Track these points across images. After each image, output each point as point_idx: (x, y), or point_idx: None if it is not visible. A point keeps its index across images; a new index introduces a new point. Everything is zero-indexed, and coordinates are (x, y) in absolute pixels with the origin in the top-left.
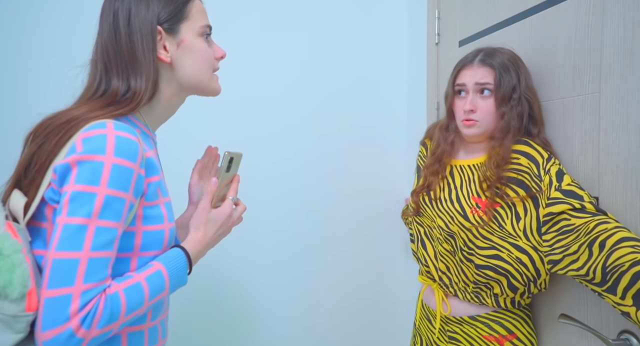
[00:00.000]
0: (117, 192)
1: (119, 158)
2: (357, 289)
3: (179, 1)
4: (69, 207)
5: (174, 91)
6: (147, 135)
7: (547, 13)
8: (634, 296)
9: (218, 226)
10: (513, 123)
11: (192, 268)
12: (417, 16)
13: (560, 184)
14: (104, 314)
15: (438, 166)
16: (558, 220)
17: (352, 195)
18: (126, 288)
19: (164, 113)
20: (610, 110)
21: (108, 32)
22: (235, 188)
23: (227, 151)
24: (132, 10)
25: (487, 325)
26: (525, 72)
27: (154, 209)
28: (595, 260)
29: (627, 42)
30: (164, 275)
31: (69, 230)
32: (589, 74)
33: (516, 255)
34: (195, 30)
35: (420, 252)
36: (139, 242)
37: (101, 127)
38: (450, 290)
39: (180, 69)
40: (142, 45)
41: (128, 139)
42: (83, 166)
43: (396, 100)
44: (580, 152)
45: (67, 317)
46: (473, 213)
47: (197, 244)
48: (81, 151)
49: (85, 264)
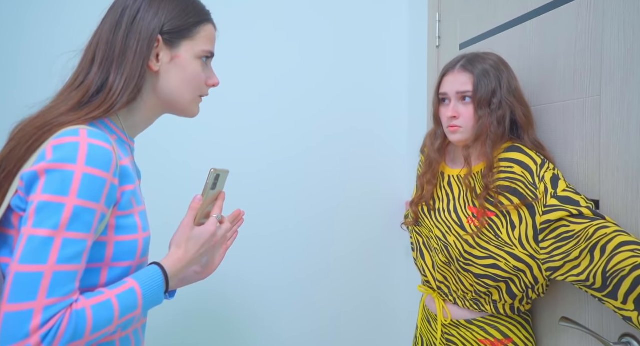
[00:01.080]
0: (87, 203)
1: (90, 167)
2: (356, 293)
3: (189, 21)
4: (35, 218)
5: (154, 102)
6: (124, 141)
7: (547, 16)
8: (635, 301)
9: (200, 244)
10: (492, 128)
11: (170, 286)
12: (418, 19)
13: (555, 191)
14: (67, 331)
15: (430, 174)
16: (556, 227)
17: (352, 198)
18: (94, 305)
19: (142, 122)
20: (611, 113)
21: (109, 25)
22: (220, 206)
23: (213, 168)
24: (140, 12)
25: (483, 329)
26: (509, 76)
27: (127, 219)
28: (595, 265)
29: (627, 45)
30: (137, 293)
31: (33, 242)
32: (589, 77)
33: (513, 264)
34: (194, 51)
35: (419, 261)
36: (110, 252)
37: (74, 134)
38: (449, 298)
39: (164, 82)
40: (136, 47)
41: (101, 148)
42: (52, 175)
43: (397, 102)
44: (581, 155)
45: (26, 334)
46: (470, 223)
47: (177, 262)
48: (51, 159)
49: (49, 278)
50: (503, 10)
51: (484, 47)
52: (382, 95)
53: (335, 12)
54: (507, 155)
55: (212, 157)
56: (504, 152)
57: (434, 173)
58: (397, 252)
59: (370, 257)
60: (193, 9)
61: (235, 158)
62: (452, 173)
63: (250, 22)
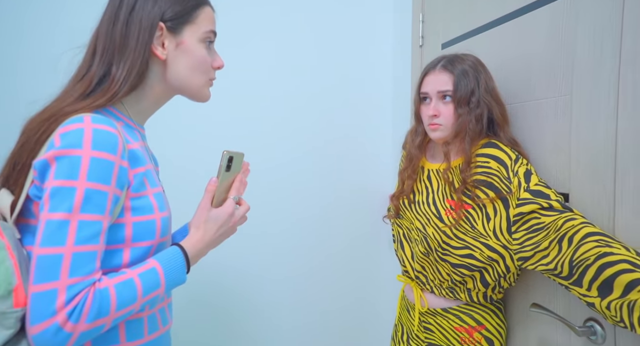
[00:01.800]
0: (98, 185)
1: (97, 151)
2: (344, 284)
3: (188, 5)
4: (50, 203)
5: (164, 88)
6: (132, 127)
7: (523, 19)
8: (598, 288)
9: (219, 225)
10: (470, 125)
11: (191, 267)
12: (403, 19)
13: (528, 185)
14: (92, 308)
15: (411, 170)
16: (528, 219)
17: (340, 192)
18: (117, 284)
19: (150, 107)
20: (581, 112)
21: (108, 17)
22: (237, 187)
23: (225, 150)
24: (138, 2)
25: (458, 317)
26: (486, 77)
27: (142, 200)
28: (563, 254)
29: (597, 48)
30: (159, 272)
31: (51, 226)
32: (562, 77)
33: (487, 254)
34: (198, 35)
35: (399, 252)
36: (130, 233)
37: (78, 121)
38: (426, 287)
39: (173, 69)
40: (137, 36)
41: (106, 131)
42: (61, 161)
43: (382, 100)
44: (553, 151)
45: (53, 312)
46: (447, 215)
47: (196, 243)
48: (59, 146)
49: (69, 259)
50: (482, 12)
51: (464, 47)
52: (367, 93)
53: (322, 12)
54: (484, 151)
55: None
56: (481, 148)
57: (414, 168)
58: (383, 244)
59: (357, 249)
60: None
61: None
62: (431, 168)
63: (236, 22)
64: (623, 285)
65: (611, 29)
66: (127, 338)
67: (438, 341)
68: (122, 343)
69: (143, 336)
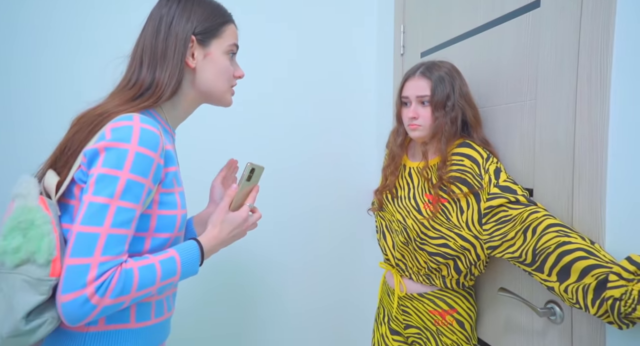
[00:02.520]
0: (138, 177)
1: (142, 147)
2: (331, 275)
3: (216, 22)
4: (95, 187)
5: (194, 95)
6: (167, 131)
7: (493, 31)
8: (557, 274)
9: (233, 227)
10: (446, 127)
11: (204, 260)
12: (385, 30)
13: (497, 181)
14: (117, 285)
15: (393, 166)
16: (497, 212)
17: (326, 190)
18: (141, 267)
19: (182, 113)
20: (544, 115)
21: (151, 32)
22: (254, 197)
23: (249, 162)
24: (175, 19)
25: (432, 301)
26: (461, 83)
27: (169, 196)
28: (527, 244)
29: (557, 59)
30: (177, 261)
31: (93, 208)
32: (527, 84)
33: (460, 244)
34: (223, 47)
35: (382, 242)
36: (154, 224)
37: (128, 119)
38: (405, 273)
39: (202, 76)
40: (174, 47)
41: (151, 131)
42: (110, 152)
43: (367, 102)
44: (520, 150)
45: (84, 284)
46: (426, 208)
47: (212, 240)
48: (109, 139)
49: (104, 239)
50: (457, 24)
51: (441, 56)
52: (353, 96)
53: (310, 22)
54: (459, 150)
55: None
56: (456, 147)
57: (396, 165)
58: (366, 234)
59: (344, 239)
60: (218, 12)
61: (215, 155)
62: (412, 166)
63: None
64: (579, 271)
65: (569, 46)
66: (136, 319)
67: (415, 322)
68: (132, 323)
69: (150, 318)
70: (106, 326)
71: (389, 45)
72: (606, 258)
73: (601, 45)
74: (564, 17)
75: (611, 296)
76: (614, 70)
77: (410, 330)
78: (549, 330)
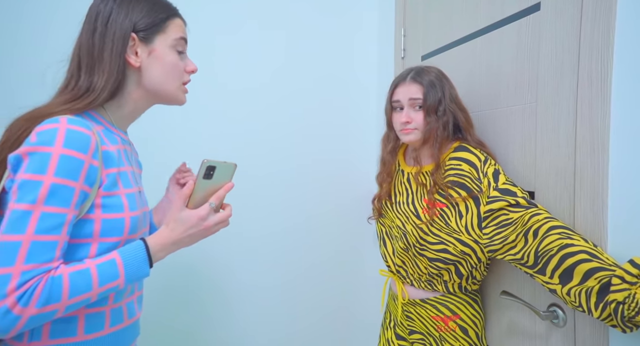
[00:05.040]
0: (64, 180)
1: (67, 149)
2: (333, 282)
3: (158, 17)
4: (18, 194)
5: (141, 94)
6: (112, 131)
7: (493, 34)
8: (560, 276)
9: (187, 226)
10: (438, 132)
11: (155, 261)
12: (386, 33)
13: (497, 184)
14: (42, 294)
15: (385, 173)
16: (497, 216)
17: (327, 198)
18: (72, 273)
19: (131, 113)
20: (545, 117)
21: (87, 30)
22: (219, 195)
23: (205, 159)
24: (112, 15)
25: (434, 307)
26: (450, 87)
27: (112, 198)
28: (529, 246)
29: (558, 62)
30: (118, 263)
31: (14, 215)
32: (528, 87)
33: (460, 249)
34: (168, 42)
35: (382, 249)
36: (98, 228)
37: (54, 121)
38: (407, 280)
39: (148, 75)
40: (111, 46)
41: (79, 132)
42: (33, 156)
43: (367, 107)
44: (521, 152)
45: (4, 294)
46: (424, 213)
47: (162, 239)
48: (32, 143)
49: (27, 246)
50: (458, 27)
51: (442, 59)
52: (354, 100)
53: (312, 27)
54: (456, 155)
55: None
56: (453, 152)
57: (388, 172)
58: (367, 242)
59: (344, 247)
60: (160, 7)
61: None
62: (410, 171)
63: (228, 36)
64: (582, 273)
65: (570, 49)
66: (85, 331)
67: (418, 328)
68: (79, 336)
69: (103, 328)
70: (50, 340)
71: (390, 49)
72: (609, 261)
73: (601, 47)
74: (564, 20)
75: (614, 300)
76: (614, 73)
77: (414, 336)
78: (552, 334)
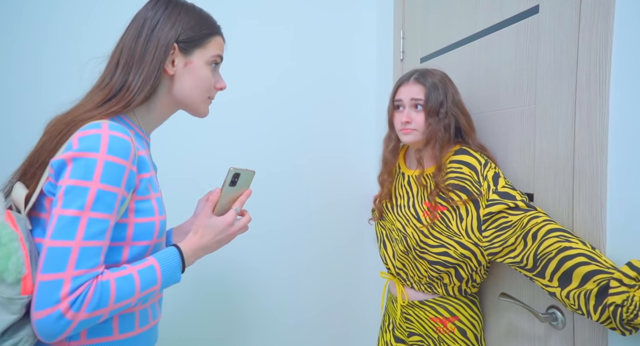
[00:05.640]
0: (109, 187)
1: (111, 155)
2: (332, 284)
3: (202, 33)
4: (64, 200)
5: (169, 101)
6: (141, 136)
7: (492, 36)
8: (559, 279)
9: (216, 232)
10: (439, 134)
11: (186, 267)
12: (385, 36)
13: (496, 187)
14: (93, 299)
15: (386, 173)
16: (496, 219)
17: (325, 199)
18: (118, 278)
19: (157, 119)
20: (544, 120)
21: (132, 33)
22: (242, 201)
23: (232, 167)
24: (159, 24)
25: (433, 308)
26: (453, 90)
27: (145, 203)
28: (528, 249)
29: (557, 65)
30: (157, 270)
31: (63, 221)
32: (526, 89)
33: (460, 252)
34: (205, 58)
35: (382, 251)
36: (131, 232)
37: (96, 127)
38: (407, 283)
39: (179, 84)
40: (154, 52)
41: (121, 139)
42: (77, 162)
43: (366, 108)
44: (520, 154)
45: (57, 300)
46: (425, 216)
47: (192, 245)
48: (76, 148)
49: (77, 252)
50: (457, 29)
51: (441, 61)
52: (353, 101)
53: (311, 28)
54: (456, 158)
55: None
56: (454, 155)
57: (389, 172)
58: (367, 243)
59: (344, 248)
60: (205, 23)
61: (212, 159)
62: (411, 174)
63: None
64: (580, 276)
65: (568, 51)
66: (119, 331)
67: (417, 330)
68: (114, 335)
69: (134, 328)
70: (88, 340)
71: (389, 51)
72: (607, 264)
73: (600, 50)
74: (563, 23)
75: (613, 303)
76: (613, 75)
77: (413, 338)
78: (551, 336)
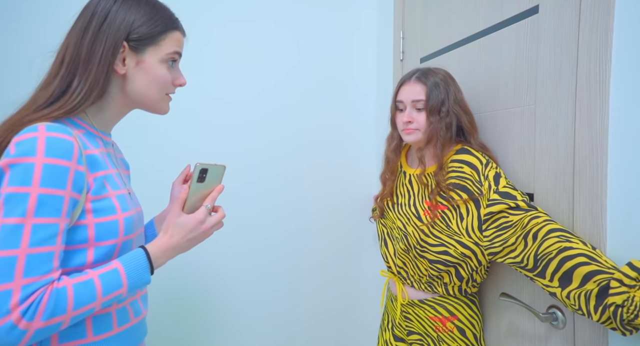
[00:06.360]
0: (52, 190)
1: (50, 158)
2: (333, 283)
3: (155, 30)
4: (4, 209)
5: (123, 100)
6: (93, 134)
7: (492, 37)
8: (559, 279)
9: (186, 231)
10: (441, 133)
11: (156, 268)
12: (385, 36)
13: (497, 187)
14: (48, 307)
15: (389, 172)
16: (497, 218)
17: (326, 198)
18: (76, 284)
19: (114, 117)
20: (544, 119)
21: (79, 29)
22: (213, 197)
23: (198, 162)
24: (108, 19)
25: (433, 307)
26: (455, 89)
27: (103, 202)
28: (529, 249)
29: (556, 65)
30: (121, 273)
31: (5, 230)
32: (526, 89)
33: (461, 251)
34: (159, 56)
35: (383, 249)
36: (92, 233)
37: (33, 130)
38: (407, 281)
39: (132, 84)
40: (101, 53)
41: (60, 139)
42: (15, 169)
43: (366, 107)
44: (520, 154)
45: (7, 310)
46: (425, 214)
47: (161, 245)
48: (13, 154)
49: (23, 260)
50: (457, 29)
51: (440, 61)
52: (353, 101)
53: (311, 29)
54: (458, 157)
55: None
56: (455, 154)
57: (392, 170)
58: (367, 242)
59: (345, 247)
60: (160, 18)
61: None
62: (412, 173)
63: (230, 40)
64: (580, 276)
65: (568, 51)
66: (94, 332)
67: (416, 329)
68: (88, 337)
69: (112, 328)
70: (60, 344)
71: (389, 51)
72: (608, 264)
73: (600, 49)
74: (563, 23)
75: (613, 303)
76: (613, 75)
77: (412, 337)
78: (552, 336)
